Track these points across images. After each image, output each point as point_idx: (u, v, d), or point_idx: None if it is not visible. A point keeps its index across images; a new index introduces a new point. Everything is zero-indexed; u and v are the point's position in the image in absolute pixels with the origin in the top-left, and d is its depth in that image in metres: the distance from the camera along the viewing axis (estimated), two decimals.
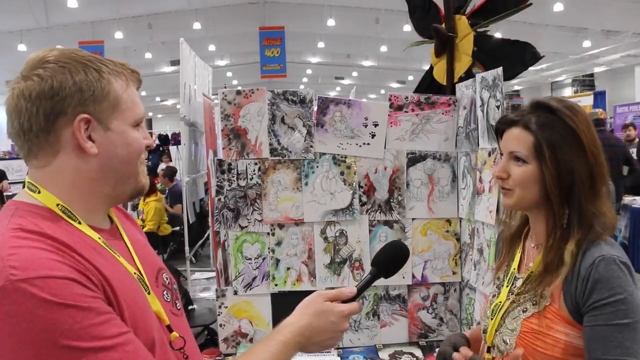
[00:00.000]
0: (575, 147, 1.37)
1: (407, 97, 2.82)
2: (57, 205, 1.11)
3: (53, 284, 0.94)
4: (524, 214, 1.57)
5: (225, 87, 3.23)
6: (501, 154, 1.51)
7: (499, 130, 1.52)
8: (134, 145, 1.16)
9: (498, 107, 2.36)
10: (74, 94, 1.07)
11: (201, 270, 5.59)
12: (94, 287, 1.01)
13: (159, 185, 9.86)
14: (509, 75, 2.86)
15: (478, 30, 3.06)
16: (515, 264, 1.54)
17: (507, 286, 1.52)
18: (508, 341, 1.44)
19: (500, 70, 2.36)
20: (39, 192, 1.11)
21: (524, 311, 1.42)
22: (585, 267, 1.32)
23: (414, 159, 2.84)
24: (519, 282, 1.49)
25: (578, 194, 1.37)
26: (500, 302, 1.51)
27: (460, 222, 2.86)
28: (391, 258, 1.41)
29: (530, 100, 1.49)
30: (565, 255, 1.36)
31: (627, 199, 7.22)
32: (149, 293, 1.18)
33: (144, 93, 20.63)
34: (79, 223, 1.12)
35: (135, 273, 1.17)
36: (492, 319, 1.52)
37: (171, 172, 9.56)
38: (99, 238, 1.13)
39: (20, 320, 0.91)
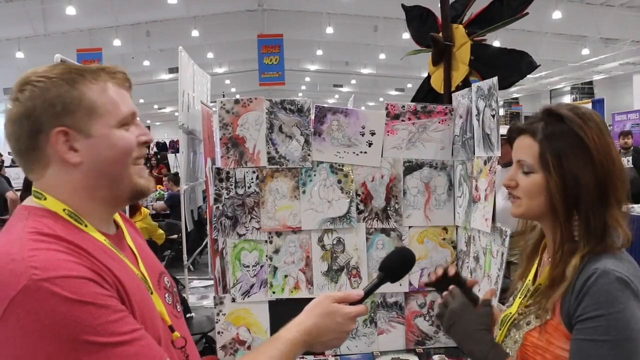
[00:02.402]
0: (582, 156, 1.31)
1: (403, 106, 2.84)
2: (64, 210, 1.15)
3: (73, 283, 1.00)
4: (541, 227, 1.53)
5: (223, 95, 3.24)
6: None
7: (510, 139, 1.49)
8: (119, 144, 1.18)
9: (493, 116, 2.38)
10: (46, 109, 1.12)
11: (199, 279, 5.58)
12: (109, 286, 1.06)
13: (157, 193, 9.85)
14: (506, 84, 2.89)
15: (475, 39, 3.09)
16: (530, 276, 1.52)
17: (520, 298, 1.50)
18: (511, 353, 1.43)
19: (495, 80, 2.37)
20: (45, 199, 1.16)
21: (527, 324, 1.40)
22: (582, 281, 1.27)
23: (411, 167, 2.86)
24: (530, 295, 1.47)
25: (585, 204, 1.31)
26: (511, 312, 1.50)
27: (457, 230, 2.88)
28: (400, 264, 1.46)
29: (541, 108, 1.45)
30: (567, 269, 1.32)
31: (626, 207, 7.22)
32: (152, 294, 1.23)
33: (142, 100, 20.59)
34: (86, 226, 1.16)
35: (139, 275, 1.22)
36: (500, 329, 1.51)
37: (177, 178, 9.52)
38: (105, 240, 1.18)
39: (43, 317, 0.96)
